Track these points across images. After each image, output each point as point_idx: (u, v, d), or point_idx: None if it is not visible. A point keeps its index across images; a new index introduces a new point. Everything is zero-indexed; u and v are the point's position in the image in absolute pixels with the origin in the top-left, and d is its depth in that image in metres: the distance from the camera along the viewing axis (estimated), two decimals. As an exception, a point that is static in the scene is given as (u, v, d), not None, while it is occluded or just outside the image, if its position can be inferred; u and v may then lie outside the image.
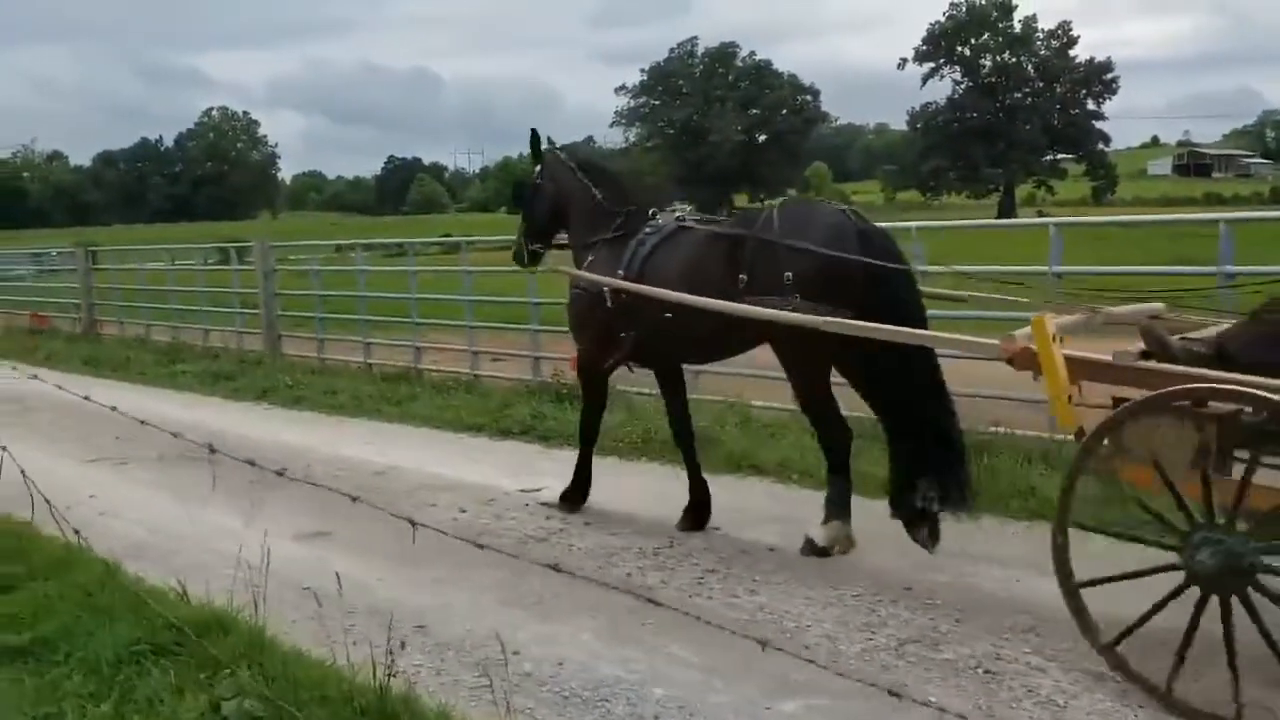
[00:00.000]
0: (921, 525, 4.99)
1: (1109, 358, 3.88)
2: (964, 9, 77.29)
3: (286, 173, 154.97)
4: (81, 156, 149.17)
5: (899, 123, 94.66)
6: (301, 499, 6.75)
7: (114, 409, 3.61)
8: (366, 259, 15.09)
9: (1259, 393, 3.37)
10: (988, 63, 77.44)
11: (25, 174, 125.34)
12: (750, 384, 8.56)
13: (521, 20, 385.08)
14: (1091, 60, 75.98)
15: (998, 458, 6.41)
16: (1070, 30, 77.05)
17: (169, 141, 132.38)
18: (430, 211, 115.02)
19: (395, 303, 13.03)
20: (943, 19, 77.89)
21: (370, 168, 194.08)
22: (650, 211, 5.82)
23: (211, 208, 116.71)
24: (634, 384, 8.92)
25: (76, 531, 3.62)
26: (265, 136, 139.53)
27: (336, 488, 3.56)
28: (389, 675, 3.47)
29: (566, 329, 6.66)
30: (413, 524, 3.07)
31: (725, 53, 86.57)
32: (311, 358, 12.83)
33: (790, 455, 6.95)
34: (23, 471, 3.85)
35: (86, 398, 3.88)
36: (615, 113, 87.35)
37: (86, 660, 4.03)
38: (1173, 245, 16.33)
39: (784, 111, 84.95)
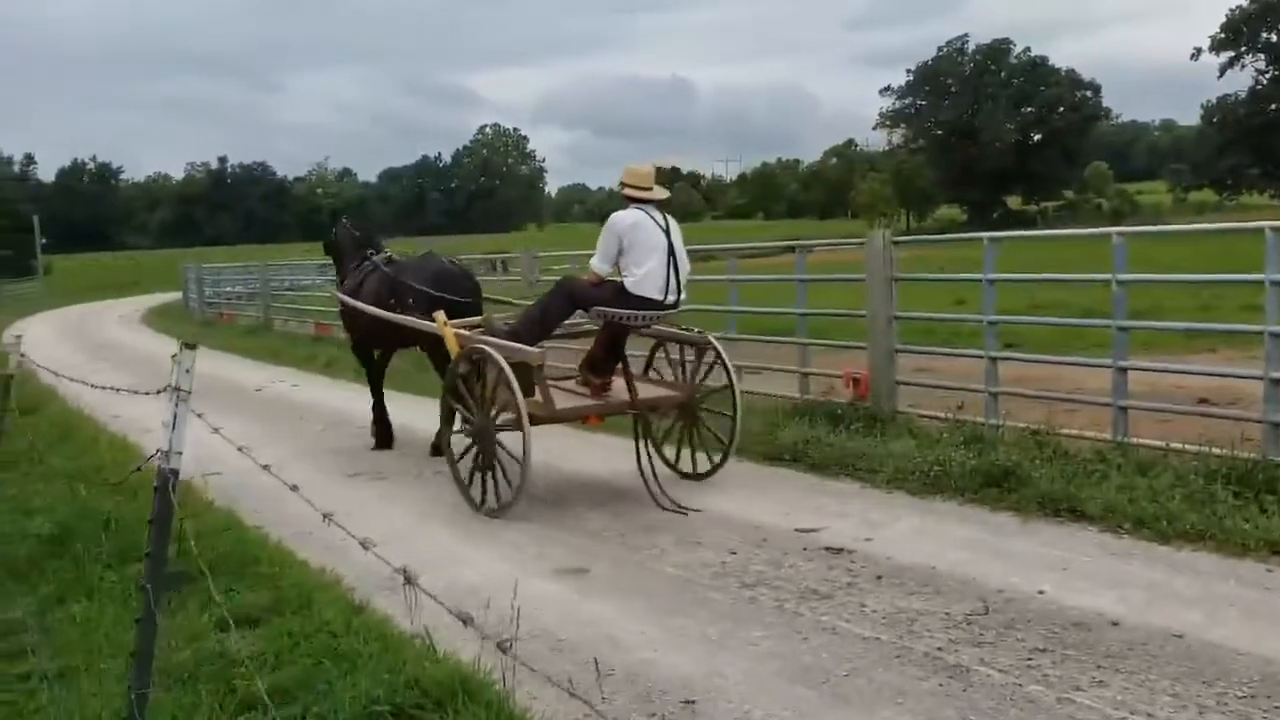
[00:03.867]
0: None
1: (467, 332, 7.11)
2: (1271, -10, 70.35)
3: (552, 186, 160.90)
4: (368, 173, 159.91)
5: (1188, 118, 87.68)
6: (563, 527, 6.31)
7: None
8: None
9: (487, 350, 6.55)
10: (1299, 48, 70.22)
11: (319, 190, 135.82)
12: (1059, 409, 7.46)
13: (777, 26, 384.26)
14: None
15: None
16: (1405, 6, 68.65)
17: (446, 158, 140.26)
18: (686, 220, 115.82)
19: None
20: (1245, 3, 71.14)
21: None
22: (372, 254, 9.06)
23: (483, 220, 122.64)
24: (920, 406, 8.04)
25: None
26: (533, 151, 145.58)
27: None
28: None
29: (837, 342, 9.81)
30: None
31: (998, 49, 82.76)
32: (571, 368, 12.51)
33: (1117, 499, 5.82)
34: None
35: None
36: (879, 114, 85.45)
37: (323, 717, 3.62)
38: None
39: (1061, 109, 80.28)
